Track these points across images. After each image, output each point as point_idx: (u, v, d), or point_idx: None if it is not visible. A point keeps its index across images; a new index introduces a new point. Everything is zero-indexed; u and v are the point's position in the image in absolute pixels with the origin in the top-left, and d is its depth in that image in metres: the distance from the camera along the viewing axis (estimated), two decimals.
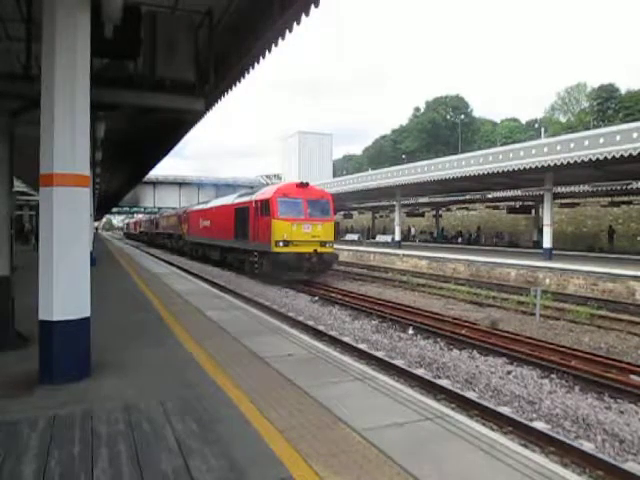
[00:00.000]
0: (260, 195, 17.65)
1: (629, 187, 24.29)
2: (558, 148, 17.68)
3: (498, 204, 38.31)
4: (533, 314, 11.39)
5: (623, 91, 60.14)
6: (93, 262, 9.05)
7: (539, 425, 5.15)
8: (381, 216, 51.47)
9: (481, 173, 21.00)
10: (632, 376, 6.62)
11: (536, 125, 66.74)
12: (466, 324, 9.94)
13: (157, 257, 27.25)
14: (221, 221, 21.71)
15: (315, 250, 15.97)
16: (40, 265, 4.22)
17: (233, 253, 20.13)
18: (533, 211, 33.68)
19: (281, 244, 15.60)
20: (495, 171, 20.07)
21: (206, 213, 25.18)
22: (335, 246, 17.95)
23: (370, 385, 4.31)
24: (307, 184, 17.39)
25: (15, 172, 6.82)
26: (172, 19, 6.34)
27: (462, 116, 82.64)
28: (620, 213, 32.96)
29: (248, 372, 4.59)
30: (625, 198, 29.93)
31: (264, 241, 16.28)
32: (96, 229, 51.03)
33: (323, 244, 16.33)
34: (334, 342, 8.62)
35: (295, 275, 15.71)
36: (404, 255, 25.55)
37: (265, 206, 16.60)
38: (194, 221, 27.45)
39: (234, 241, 19.55)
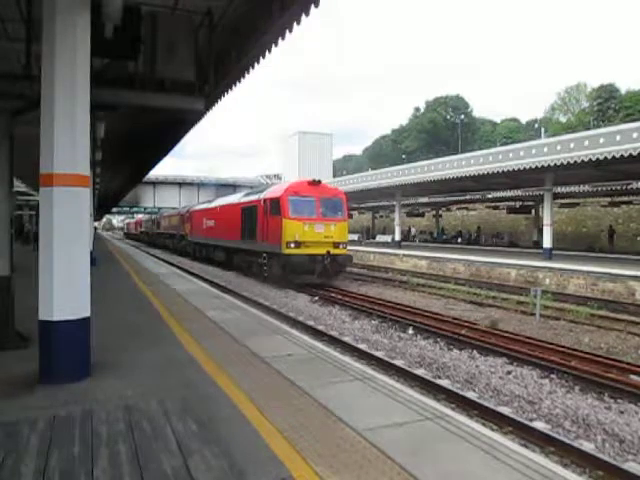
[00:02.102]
0: (269, 193, 16.74)
1: (629, 187, 24.31)
2: (558, 148, 17.69)
3: (498, 204, 38.31)
4: (533, 314, 11.39)
5: (623, 91, 60.16)
6: (93, 262, 9.04)
7: (539, 425, 5.14)
8: (381, 216, 51.48)
9: (481, 173, 21.01)
10: (632, 376, 6.62)
11: (536, 125, 66.75)
12: (466, 324, 9.93)
13: (157, 257, 27.24)
14: (227, 221, 20.79)
15: (328, 252, 15.08)
16: (40, 265, 4.22)
17: (240, 254, 19.31)
18: (533, 211, 33.68)
19: (292, 245, 14.72)
20: (495, 171, 20.08)
21: (211, 212, 24.24)
22: None
23: (370, 385, 4.31)
24: (319, 181, 16.44)
25: (15, 172, 6.81)
26: (172, 19, 6.36)
27: (462, 116, 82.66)
28: (620, 213, 32.96)
29: (248, 372, 4.59)
30: (625, 198, 29.93)
31: (274, 242, 15.41)
32: (96, 229, 50.98)
33: (336, 245, 15.41)
34: (334, 342, 8.61)
35: (307, 278, 14.82)
36: (404, 255, 25.55)
37: (275, 205, 15.68)
38: (198, 221, 26.53)
39: (241, 242, 18.68)
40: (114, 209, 57.71)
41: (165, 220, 39.34)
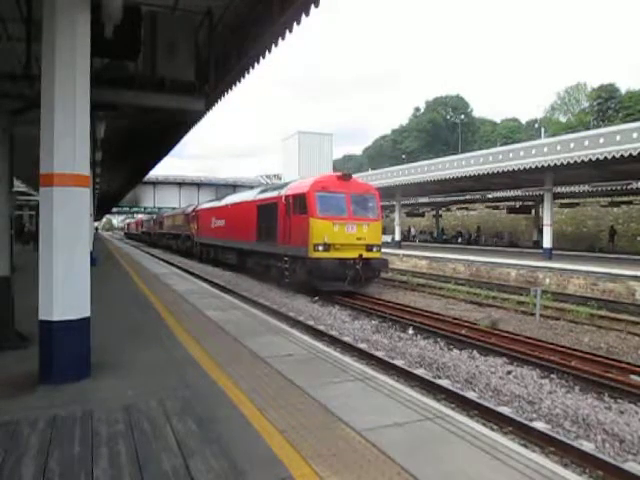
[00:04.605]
0: (293, 189, 14.83)
1: (629, 187, 24.31)
2: (558, 148, 17.70)
3: (498, 204, 38.35)
4: (533, 314, 11.39)
5: (623, 91, 60.16)
6: (93, 262, 9.04)
7: (539, 425, 5.14)
8: None
9: (481, 173, 21.03)
10: (632, 376, 6.62)
11: (536, 125, 66.71)
12: (466, 324, 9.94)
13: (157, 257, 27.24)
14: (240, 220, 19.04)
15: (360, 255, 13.39)
16: (40, 265, 4.22)
17: (255, 257, 17.58)
18: (533, 211, 33.71)
19: (320, 248, 13.00)
20: (495, 171, 20.10)
21: (221, 211, 22.38)
22: None
23: (370, 385, 4.31)
24: (350, 176, 14.69)
25: (15, 172, 6.82)
26: (172, 19, 6.35)
27: (462, 116, 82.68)
28: (620, 213, 32.99)
29: (248, 372, 4.59)
30: (625, 198, 29.96)
31: (298, 244, 13.69)
32: (96, 229, 50.97)
33: (369, 248, 13.68)
34: (334, 342, 8.61)
35: (336, 285, 13.14)
36: (404, 255, 25.55)
37: (300, 202, 13.87)
38: (205, 220, 24.87)
39: (256, 243, 16.94)
40: (114, 209, 57.68)
41: (169, 220, 37.56)
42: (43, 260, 4.21)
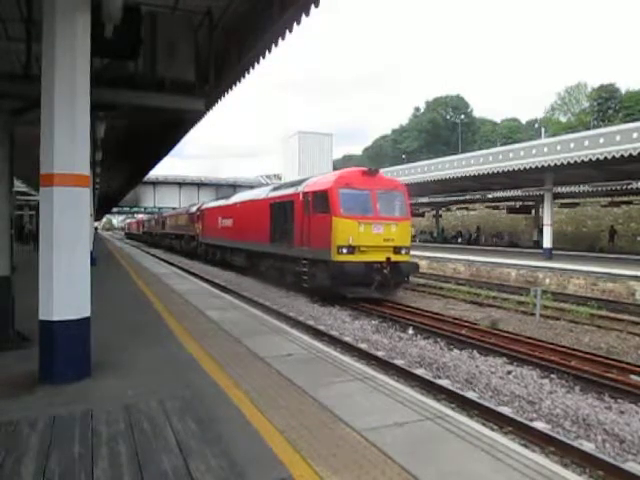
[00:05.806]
0: (312, 185, 13.54)
1: (629, 187, 24.30)
2: (558, 148, 17.72)
3: (498, 204, 38.32)
4: (533, 314, 11.39)
5: (623, 91, 60.19)
6: (93, 262, 9.04)
7: (539, 425, 5.14)
8: None
9: (481, 173, 21.04)
10: (632, 376, 6.62)
11: (536, 125, 66.72)
12: (466, 324, 9.94)
13: (157, 257, 27.24)
14: (250, 220, 17.89)
15: (388, 258, 12.32)
16: (40, 265, 4.22)
17: (267, 260, 16.34)
18: (533, 211, 33.69)
19: (344, 251, 11.88)
20: (495, 171, 20.11)
21: (229, 210, 21.09)
22: None
23: (370, 385, 4.31)
24: (377, 171, 13.42)
25: (15, 172, 6.81)
26: (172, 19, 6.36)
27: (462, 116, 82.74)
28: (620, 213, 32.95)
29: (248, 372, 4.59)
30: (625, 198, 29.93)
31: (319, 246, 12.51)
32: (96, 229, 50.91)
33: (398, 250, 12.54)
34: (334, 342, 8.61)
35: (361, 291, 12.15)
36: None
37: (321, 200, 12.62)
38: (212, 220, 23.59)
39: (270, 245, 15.67)
40: (114, 209, 57.76)
41: (172, 219, 36.42)
42: (43, 260, 4.21)
